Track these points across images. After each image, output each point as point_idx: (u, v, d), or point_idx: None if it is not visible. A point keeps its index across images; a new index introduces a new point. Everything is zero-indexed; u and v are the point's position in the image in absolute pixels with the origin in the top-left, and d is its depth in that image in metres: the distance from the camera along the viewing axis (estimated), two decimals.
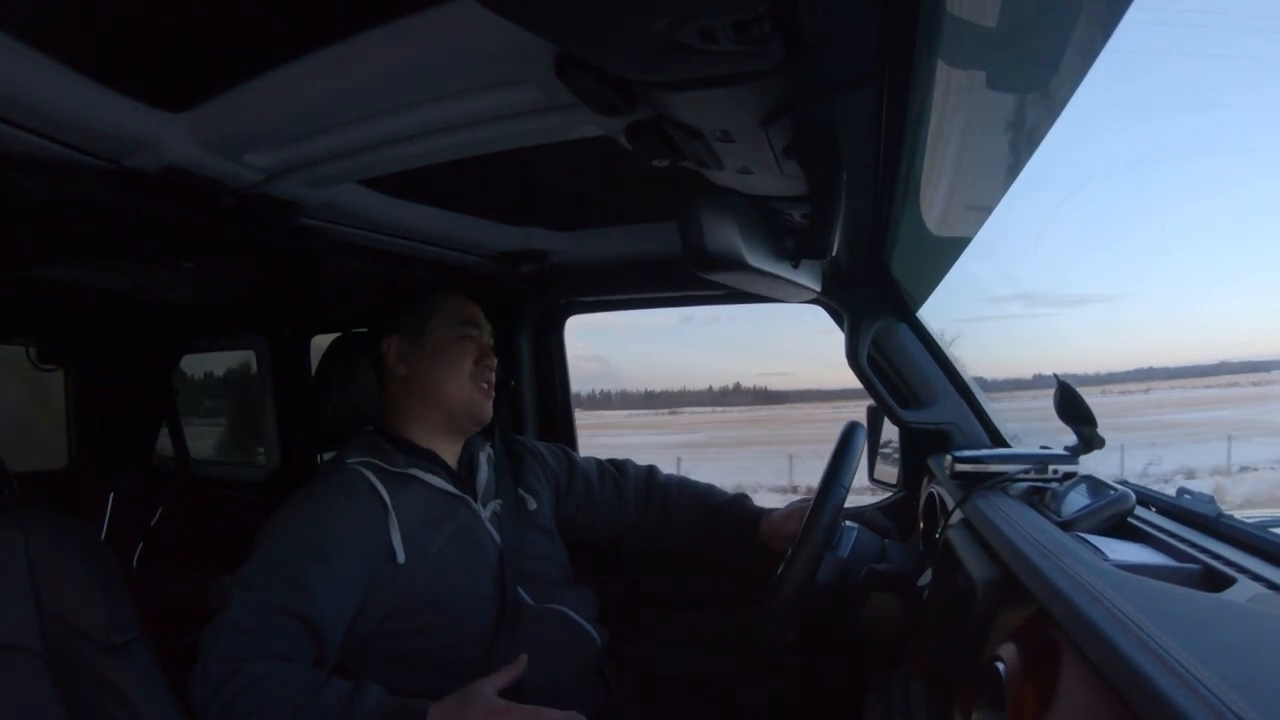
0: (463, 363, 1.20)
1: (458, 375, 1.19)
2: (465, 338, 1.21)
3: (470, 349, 1.21)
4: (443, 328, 1.21)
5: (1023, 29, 0.58)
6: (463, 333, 1.21)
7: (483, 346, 1.23)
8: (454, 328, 1.21)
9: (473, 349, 1.21)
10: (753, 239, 0.76)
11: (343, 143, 0.82)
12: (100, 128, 0.76)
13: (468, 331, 1.22)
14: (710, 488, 1.41)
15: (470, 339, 1.22)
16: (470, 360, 1.20)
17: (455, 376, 1.19)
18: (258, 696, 0.90)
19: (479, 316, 1.25)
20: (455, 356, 1.20)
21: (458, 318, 1.22)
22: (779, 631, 0.98)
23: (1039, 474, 1.06)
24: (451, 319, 1.22)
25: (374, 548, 1.04)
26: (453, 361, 1.20)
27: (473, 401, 1.20)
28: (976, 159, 0.84)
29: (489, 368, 1.22)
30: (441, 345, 1.20)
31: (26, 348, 2.16)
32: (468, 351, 1.21)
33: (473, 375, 1.20)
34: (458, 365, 1.20)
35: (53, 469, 2.30)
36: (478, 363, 1.21)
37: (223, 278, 1.47)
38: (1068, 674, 0.51)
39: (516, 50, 0.61)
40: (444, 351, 1.20)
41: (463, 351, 1.20)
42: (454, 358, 1.20)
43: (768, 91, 0.58)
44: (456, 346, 1.20)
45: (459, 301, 1.25)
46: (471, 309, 1.25)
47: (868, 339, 1.37)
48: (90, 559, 0.97)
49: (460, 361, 1.20)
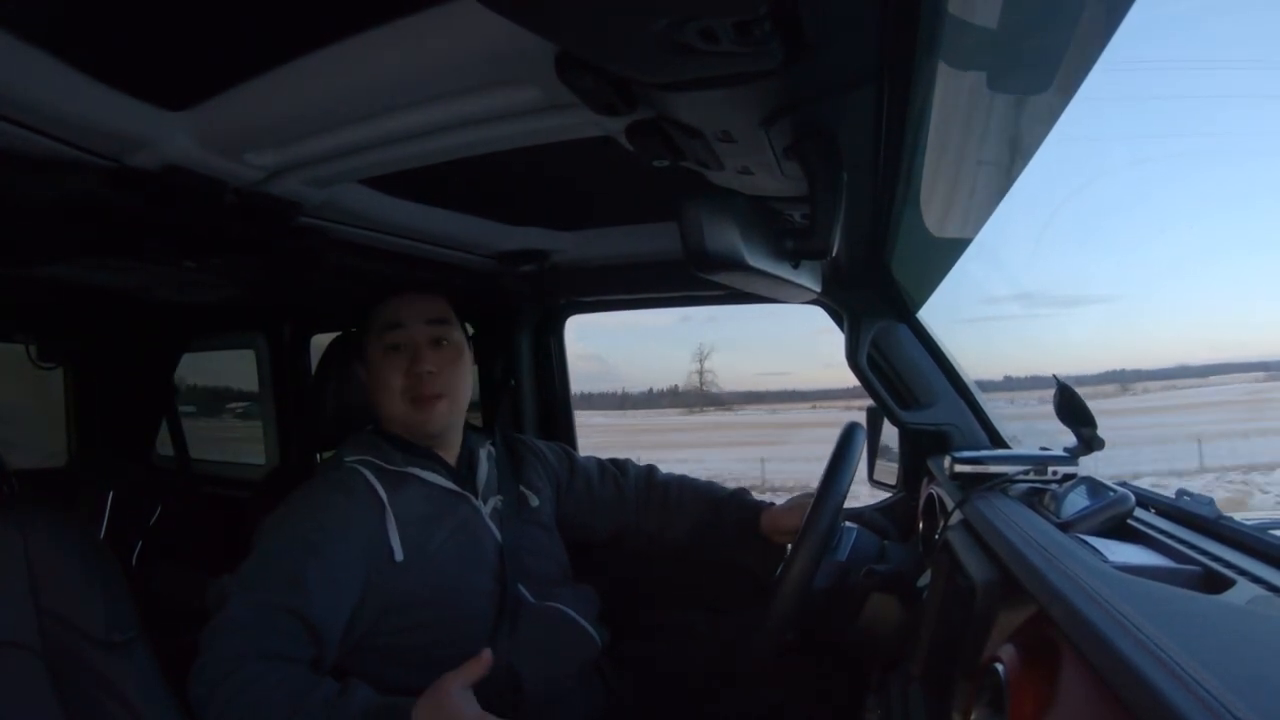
0: (390, 380, 1.14)
1: (389, 395, 1.14)
2: (392, 348, 1.14)
3: (397, 363, 1.14)
4: (373, 345, 1.15)
5: (1024, 29, 0.58)
6: (389, 342, 1.14)
7: (413, 349, 1.14)
8: (379, 341, 1.15)
9: (400, 361, 1.14)
10: (753, 239, 0.76)
11: (343, 142, 0.82)
12: (101, 126, 0.76)
13: (392, 339, 1.14)
14: (710, 484, 1.42)
15: (396, 348, 1.14)
16: (399, 376, 1.14)
17: (387, 397, 1.14)
18: (255, 695, 0.90)
19: (406, 312, 1.16)
20: (383, 375, 1.14)
21: (384, 325, 1.15)
22: (777, 635, 0.98)
23: (1038, 475, 1.06)
24: (378, 331, 1.15)
25: (372, 546, 1.04)
26: (382, 382, 1.14)
27: (409, 419, 1.14)
28: (977, 159, 0.84)
29: (419, 376, 1.14)
30: (374, 364, 1.15)
31: (26, 346, 2.16)
32: (395, 366, 1.14)
33: (404, 391, 1.14)
34: (387, 385, 1.14)
35: (52, 468, 2.30)
36: (407, 374, 1.14)
37: (223, 276, 1.47)
38: (1067, 675, 0.51)
39: (516, 50, 0.61)
40: (375, 372, 1.15)
41: (390, 367, 1.14)
42: (382, 376, 1.14)
43: (768, 92, 0.58)
44: (383, 363, 1.14)
45: (386, 306, 1.17)
46: (399, 305, 1.16)
47: (868, 340, 1.37)
48: (89, 557, 0.97)
49: (388, 381, 1.14)
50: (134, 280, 1.58)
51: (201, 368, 2.53)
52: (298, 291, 1.76)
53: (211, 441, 2.54)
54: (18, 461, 2.00)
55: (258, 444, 2.23)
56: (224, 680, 0.91)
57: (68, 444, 2.34)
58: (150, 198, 0.88)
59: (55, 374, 2.28)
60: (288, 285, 1.65)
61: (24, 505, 0.98)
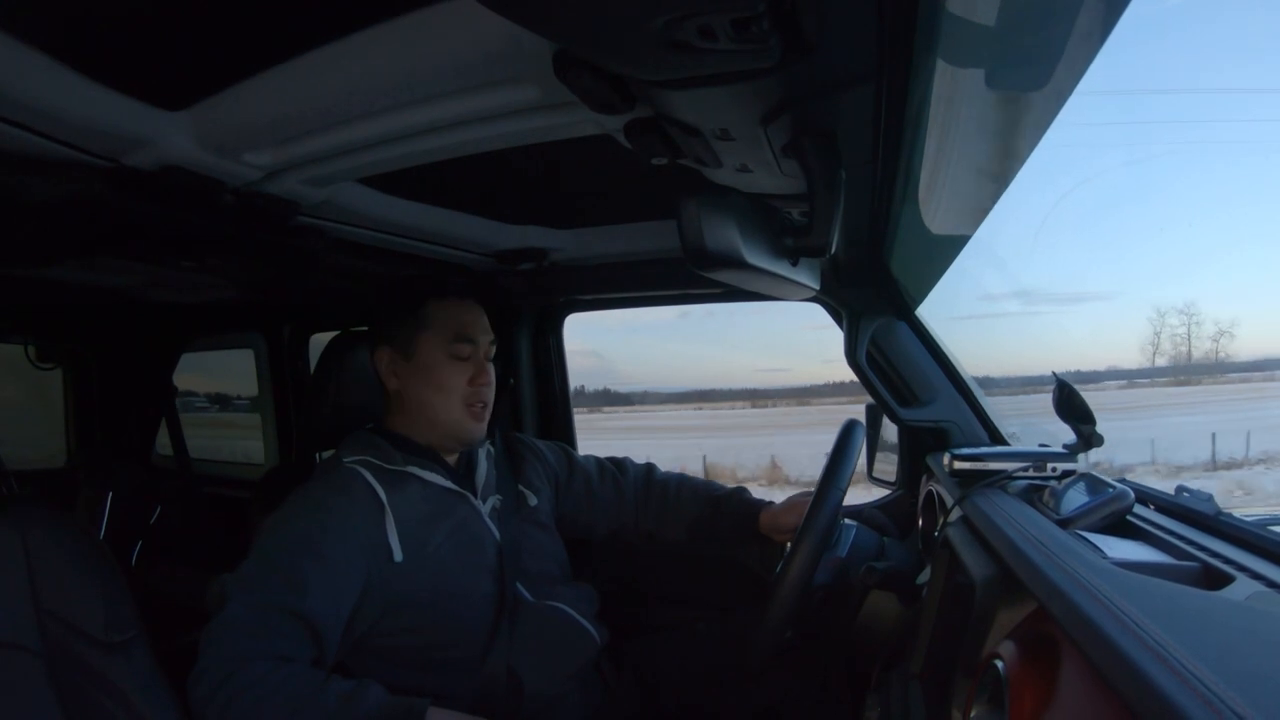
0: (453, 385, 1.13)
1: (446, 398, 1.13)
2: (457, 358, 1.14)
3: (463, 370, 1.14)
4: (433, 345, 1.14)
5: (1021, 27, 0.58)
6: (455, 352, 1.14)
7: (479, 365, 1.15)
8: (446, 346, 1.14)
9: (466, 370, 1.14)
10: (752, 237, 0.76)
11: (341, 141, 0.82)
12: (99, 126, 0.76)
13: (460, 350, 1.14)
14: (709, 482, 1.42)
15: (463, 359, 1.14)
16: (462, 382, 1.14)
17: (443, 399, 1.14)
18: (256, 696, 0.90)
19: (477, 328, 1.16)
20: (445, 378, 1.13)
21: (451, 334, 1.14)
22: (776, 634, 0.98)
23: (1038, 472, 1.06)
24: (444, 335, 1.14)
25: (371, 546, 1.04)
26: (441, 385, 1.13)
27: (461, 426, 1.15)
28: (975, 157, 0.84)
29: (484, 387, 1.15)
30: (431, 364, 1.14)
31: (25, 346, 2.16)
32: (460, 372, 1.14)
33: (464, 398, 1.14)
34: (447, 389, 1.13)
35: (51, 468, 2.30)
36: (471, 383, 1.14)
37: (221, 276, 1.47)
38: (1067, 672, 0.51)
39: (515, 49, 0.61)
40: (433, 371, 1.14)
41: (454, 372, 1.14)
42: (444, 380, 1.13)
43: (767, 90, 0.58)
44: (447, 367, 1.14)
45: (454, 313, 1.16)
46: (469, 320, 1.16)
47: (867, 337, 1.37)
48: (89, 557, 0.97)
49: (450, 384, 1.13)
50: (133, 280, 1.58)
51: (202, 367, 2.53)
52: (297, 291, 1.76)
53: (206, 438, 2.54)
54: (17, 462, 2.00)
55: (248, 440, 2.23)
56: (225, 682, 0.91)
57: (67, 444, 2.34)
58: (148, 197, 0.88)
59: (55, 374, 2.28)
60: (287, 285, 1.65)
61: (23, 505, 0.98)
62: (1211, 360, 9.03)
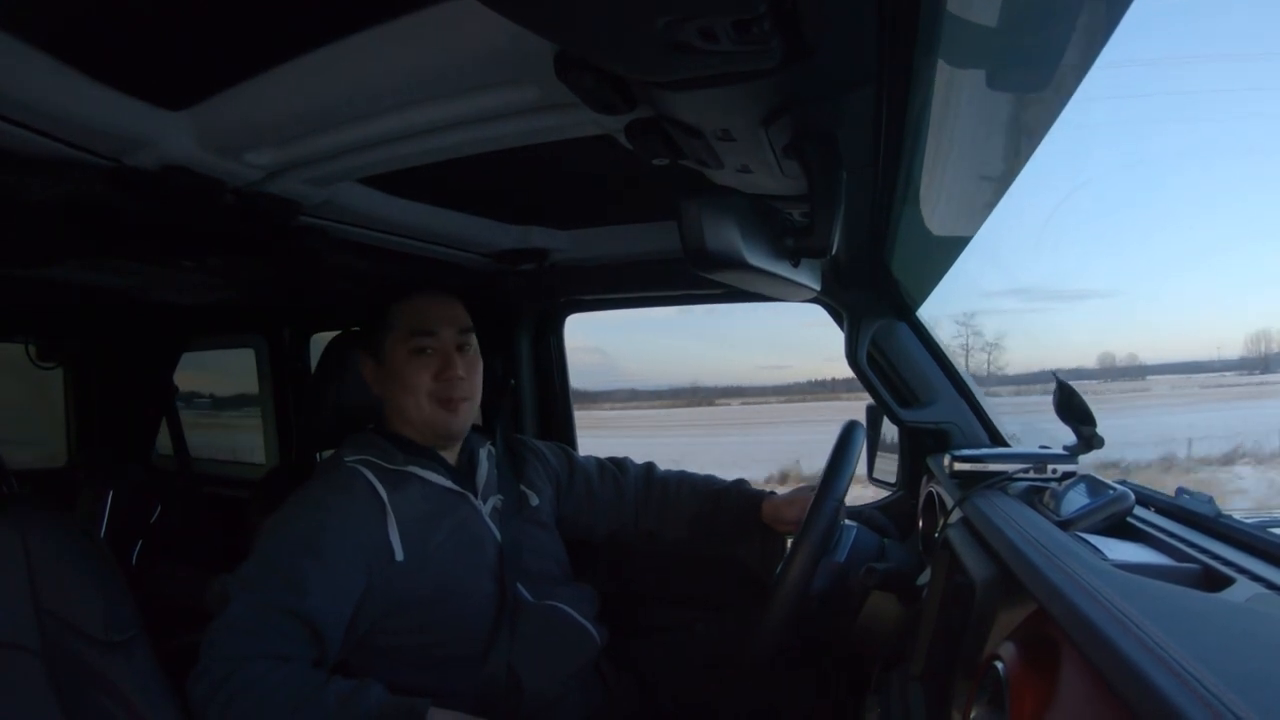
0: (417, 383, 1.14)
1: (415, 397, 1.14)
2: (419, 351, 1.14)
3: (426, 364, 1.15)
4: (397, 345, 1.15)
5: (1022, 28, 0.58)
6: (417, 346, 1.14)
7: (444, 356, 1.16)
8: (407, 342, 1.15)
9: (430, 364, 1.15)
10: (752, 238, 0.76)
11: (343, 141, 0.82)
12: (100, 126, 0.76)
13: (422, 344, 1.15)
14: (709, 477, 1.42)
15: (425, 352, 1.15)
16: (427, 377, 1.14)
17: (413, 399, 1.14)
18: (257, 696, 0.90)
19: (436, 318, 1.17)
20: (410, 376, 1.14)
21: (411, 328, 1.15)
22: (776, 637, 0.98)
23: (1038, 473, 1.06)
24: (405, 332, 1.15)
25: (372, 546, 1.04)
26: (407, 383, 1.14)
27: (435, 420, 1.15)
28: (976, 158, 0.84)
29: (451, 380, 1.15)
30: (397, 364, 1.15)
31: (26, 346, 2.16)
32: (424, 367, 1.14)
33: (431, 393, 1.14)
34: (411, 386, 1.14)
35: (52, 467, 2.30)
36: (437, 377, 1.15)
37: (222, 276, 1.47)
38: (1067, 673, 0.51)
39: (516, 49, 0.61)
40: (400, 371, 1.15)
41: (418, 368, 1.14)
42: (408, 378, 1.14)
43: (768, 91, 0.58)
44: (411, 364, 1.14)
45: (414, 308, 1.17)
46: (430, 311, 1.17)
47: (867, 338, 1.37)
48: (89, 557, 0.97)
49: (414, 382, 1.14)
50: (134, 280, 1.58)
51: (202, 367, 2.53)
52: (297, 291, 1.76)
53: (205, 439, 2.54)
54: (18, 461, 2.00)
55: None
56: (225, 681, 0.91)
57: (67, 444, 2.34)
58: (150, 197, 0.88)
59: (55, 374, 2.28)
60: (287, 285, 1.65)
61: (24, 505, 0.98)
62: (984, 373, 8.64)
